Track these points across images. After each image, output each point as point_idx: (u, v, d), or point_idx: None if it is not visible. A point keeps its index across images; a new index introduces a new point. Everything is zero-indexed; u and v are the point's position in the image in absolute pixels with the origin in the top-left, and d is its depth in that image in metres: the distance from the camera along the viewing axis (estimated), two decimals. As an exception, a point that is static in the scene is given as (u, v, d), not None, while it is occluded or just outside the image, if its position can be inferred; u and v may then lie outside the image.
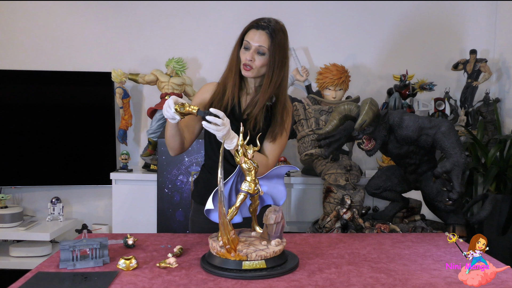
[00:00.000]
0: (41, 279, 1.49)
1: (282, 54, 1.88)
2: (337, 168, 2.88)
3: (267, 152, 1.94)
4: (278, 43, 1.85)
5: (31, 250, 3.30)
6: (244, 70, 1.89)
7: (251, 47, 1.86)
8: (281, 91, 1.93)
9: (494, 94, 3.67)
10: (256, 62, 1.86)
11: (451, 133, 2.29)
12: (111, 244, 1.83)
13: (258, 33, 1.85)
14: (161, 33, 3.68)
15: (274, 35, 1.84)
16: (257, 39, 1.84)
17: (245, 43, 1.87)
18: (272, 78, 1.87)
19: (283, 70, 1.90)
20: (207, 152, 2.08)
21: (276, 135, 1.93)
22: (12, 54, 3.63)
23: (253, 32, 1.86)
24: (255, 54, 1.86)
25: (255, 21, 1.89)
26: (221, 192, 1.51)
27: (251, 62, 1.86)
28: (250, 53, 1.85)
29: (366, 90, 3.72)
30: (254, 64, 1.86)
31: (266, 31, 1.84)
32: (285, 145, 2.01)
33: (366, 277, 1.55)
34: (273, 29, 1.85)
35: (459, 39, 3.73)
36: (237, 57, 1.92)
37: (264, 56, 1.86)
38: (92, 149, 3.53)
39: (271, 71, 1.87)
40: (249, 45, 1.86)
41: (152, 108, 3.38)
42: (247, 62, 1.86)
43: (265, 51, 1.85)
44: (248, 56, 1.86)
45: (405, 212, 2.78)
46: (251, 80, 1.96)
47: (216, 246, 1.58)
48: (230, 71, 1.95)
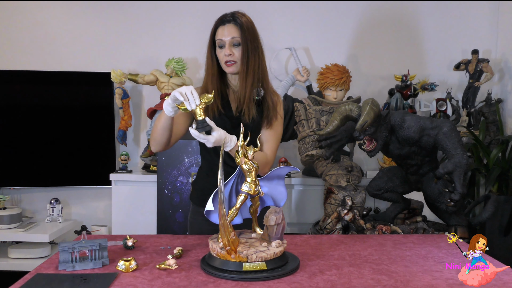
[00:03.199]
0: (40, 281, 1.48)
1: (252, 37, 1.89)
2: (338, 169, 2.87)
3: (265, 140, 1.95)
4: (246, 29, 1.88)
5: (30, 251, 3.30)
6: (227, 67, 1.90)
7: (225, 43, 1.88)
8: (264, 77, 1.95)
9: (496, 95, 3.66)
10: (236, 55, 1.88)
11: (453, 134, 2.28)
12: (111, 246, 1.82)
13: (227, 28, 1.88)
14: (161, 33, 3.68)
15: (241, 23, 1.88)
16: (227, 33, 1.87)
17: (218, 42, 1.89)
18: (248, 63, 1.88)
19: (257, 53, 1.91)
20: (203, 155, 2.08)
21: (271, 120, 1.95)
22: (12, 54, 3.63)
23: (221, 28, 1.89)
24: (231, 47, 1.88)
25: (219, 19, 1.92)
26: (221, 193, 1.50)
27: (231, 57, 1.88)
28: (227, 48, 1.87)
29: (367, 91, 3.71)
30: (235, 58, 1.88)
31: (232, 23, 1.88)
32: (281, 133, 2.02)
33: (367, 279, 1.54)
34: (237, 18, 1.89)
35: (461, 39, 3.72)
36: (212, 60, 1.94)
37: (241, 46, 1.88)
38: (91, 150, 3.52)
39: (245, 58, 1.88)
40: (222, 42, 1.88)
41: (151, 108, 3.37)
42: (227, 58, 1.88)
43: (239, 41, 1.87)
44: (225, 51, 1.87)
45: (407, 213, 2.77)
46: (233, 78, 1.97)
47: (216, 248, 1.58)
48: (208, 75, 1.96)
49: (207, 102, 1.65)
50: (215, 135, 1.68)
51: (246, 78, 1.89)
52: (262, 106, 1.96)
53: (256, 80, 1.91)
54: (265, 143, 1.96)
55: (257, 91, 1.93)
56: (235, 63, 1.89)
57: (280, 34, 3.65)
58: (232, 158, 1.64)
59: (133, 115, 3.65)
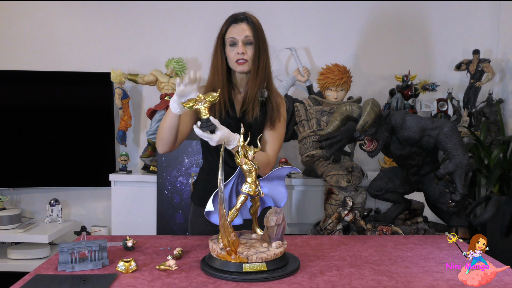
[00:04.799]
0: (40, 282, 1.48)
1: (263, 38, 1.92)
2: (339, 170, 2.86)
3: (268, 141, 1.96)
4: (258, 29, 1.90)
5: (29, 252, 3.29)
6: (239, 66, 1.90)
7: (238, 41, 1.88)
8: (269, 78, 1.96)
9: (497, 95, 3.65)
10: (248, 53, 1.89)
11: (454, 134, 2.28)
12: (110, 246, 1.82)
13: (240, 27, 1.88)
14: (161, 33, 3.67)
15: (253, 23, 1.89)
16: (241, 32, 1.88)
17: (230, 40, 1.89)
18: (259, 63, 1.89)
19: (266, 53, 1.93)
20: (205, 155, 2.08)
21: (275, 121, 1.96)
22: (11, 54, 3.62)
23: (234, 27, 1.89)
24: (244, 46, 1.88)
25: (231, 17, 1.92)
26: (222, 193, 1.49)
27: (243, 55, 1.88)
28: (240, 46, 1.87)
29: (368, 91, 3.70)
30: (247, 56, 1.88)
31: (245, 22, 1.89)
32: (283, 135, 2.02)
33: (368, 280, 1.54)
34: (250, 18, 1.90)
35: (462, 39, 3.71)
36: (222, 59, 1.93)
37: (253, 45, 1.89)
38: (91, 150, 3.51)
39: (256, 57, 1.89)
40: (235, 40, 1.88)
41: (151, 108, 3.36)
42: (240, 56, 1.88)
43: (251, 40, 1.88)
44: (239, 50, 1.87)
45: (407, 214, 2.77)
46: (241, 77, 1.96)
47: (216, 248, 1.57)
48: (216, 73, 1.94)
49: (212, 101, 1.65)
50: (219, 134, 1.67)
51: (256, 78, 1.90)
52: (266, 107, 1.96)
53: (263, 80, 1.92)
54: (267, 144, 1.96)
55: (261, 92, 1.93)
56: (247, 61, 1.89)
57: (281, 34, 3.64)
58: (233, 158, 1.63)
59: (133, 115, 3.64)
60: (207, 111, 1.64)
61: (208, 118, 1.65)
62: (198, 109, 1.64)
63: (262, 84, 1.93)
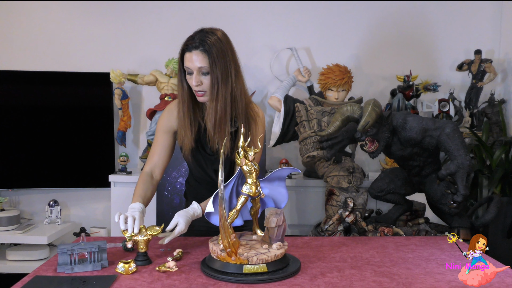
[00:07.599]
0: (39, 283, 1.47)
1: (223, 64, 1.73)
2: (340, 171, 2.85)
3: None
4: (216, 56, 1.71)
5: (28, 253, 3.28)
6: (198, 97, 1.80)
7: (192, 72, 1.75)
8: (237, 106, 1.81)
9: (499, 95, 3.64)
10: (205, 84, 1.76)
11: (455, 135, 2.27)
12: (110, 248, 1.82)
13: (193, 55, 1.73)
14: (161, 33, 3.66)
15: (209, 49, 1.71)
16: (194, 61, 1.73)
17: (186, 68, 1.77)
18: (218, 93, 1.75)
19: (229, 80, 1.76)
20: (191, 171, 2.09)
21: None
22: (10, 54, 3.62)
23: (188, 55, 1.75)
24: (199, 76, 1.74)
25: (185, 43, 1.78)
26: (222, 194, 1.48)
27: (199, 87, 1.76)
28: (194, 77, 1.74)
29: (369, 91, 3.70)
30: (204, 87, 1.76)
31: (199, 50, 1.72)
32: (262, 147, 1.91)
33: (369, 281, 1.53)
34: (205, 43, 1.72)
35: (464, 39, 3.71)
36: (183, 86, 1.83)
37: (209, 75, 1.75)
38: (90, 151, 3.51)
39: (215, 88, 1.74)
40: (190, 70, 1.75)
41: (151, 109, 3.36)
42: (196, 88, 1.77)
43: (207, 70, 1.73)
44: (194, 81, 1.75)
45: (409, 215, 2.76)
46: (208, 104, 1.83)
47: (216, 250, 1.57)
48: (182, 103, 1.84)
49: (154, 235, 1.66)
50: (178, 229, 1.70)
51: (216, 108, 1.76)
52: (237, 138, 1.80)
53: (227, 110, 1.77)
54: None
55: (232, 122, 1.82)
56: (205, 92, 1.77)
57: (281, 34, 3.63)
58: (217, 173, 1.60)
59: (133, 116, 3.64)
60: (145, 245, 1.65)
61: (145, 252, 1.66)
62: (137, 240, 1.65)
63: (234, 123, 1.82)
